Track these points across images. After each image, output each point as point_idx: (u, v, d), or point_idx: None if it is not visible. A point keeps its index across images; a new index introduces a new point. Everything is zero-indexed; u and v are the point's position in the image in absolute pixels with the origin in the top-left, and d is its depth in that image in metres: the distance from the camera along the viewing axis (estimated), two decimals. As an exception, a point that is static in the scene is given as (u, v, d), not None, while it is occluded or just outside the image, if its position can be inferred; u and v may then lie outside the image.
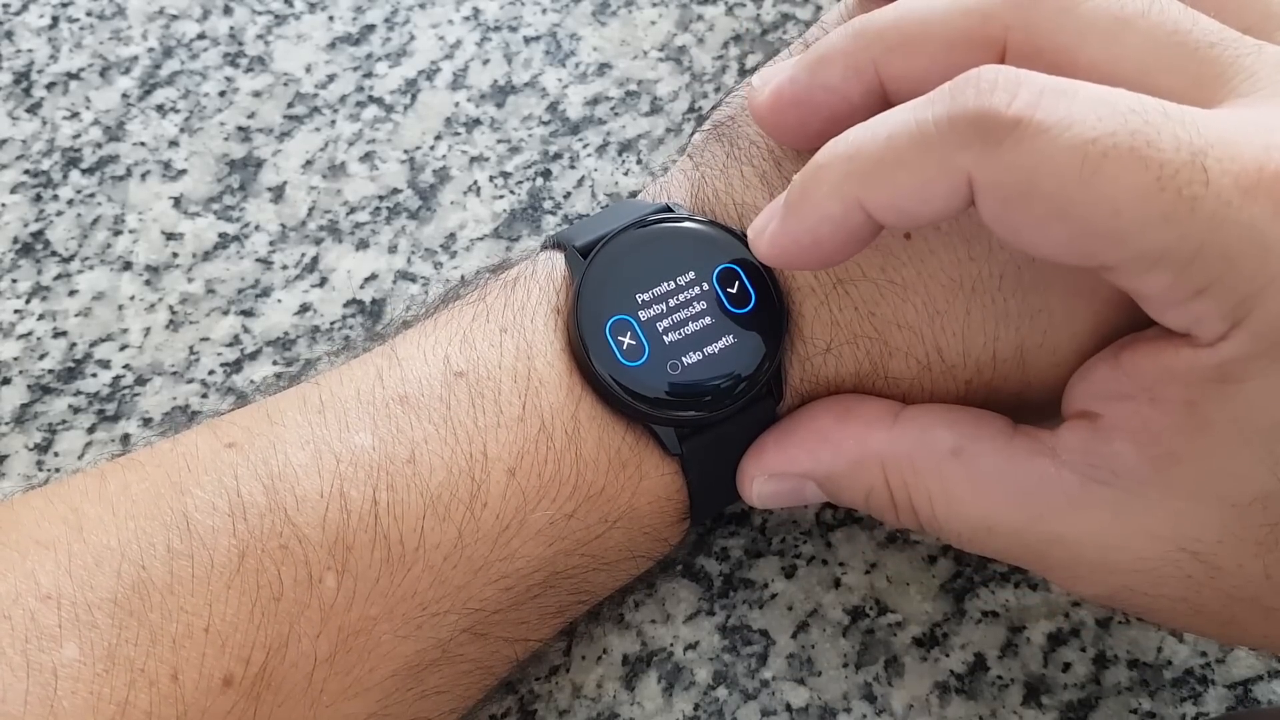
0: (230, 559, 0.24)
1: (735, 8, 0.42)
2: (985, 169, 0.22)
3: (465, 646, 0.27)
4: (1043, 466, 0.25)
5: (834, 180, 0.24)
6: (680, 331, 0.28)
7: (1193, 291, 0.22)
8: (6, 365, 0.36)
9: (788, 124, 0.27)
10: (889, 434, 0.27)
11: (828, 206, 0.24)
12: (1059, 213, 0.22)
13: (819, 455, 0.28)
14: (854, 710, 0.30)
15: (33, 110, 0.40)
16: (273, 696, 0.24)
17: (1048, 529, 0.26)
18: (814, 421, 0.28)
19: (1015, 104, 0.22)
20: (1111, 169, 0.21)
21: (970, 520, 0.26)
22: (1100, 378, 0.25)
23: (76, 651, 0.23)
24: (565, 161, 0.39)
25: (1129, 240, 0.22)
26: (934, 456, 0.26)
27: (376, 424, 0.26)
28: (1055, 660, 0.31)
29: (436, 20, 0.42)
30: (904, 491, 0.27)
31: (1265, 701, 0.31)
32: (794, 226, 0.25)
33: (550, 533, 0.27)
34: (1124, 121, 0.21)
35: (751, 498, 0.29)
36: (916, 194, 0.23)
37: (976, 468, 0.26)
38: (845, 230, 0.24)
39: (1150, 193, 0.21)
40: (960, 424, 0.27)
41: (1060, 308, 0.27)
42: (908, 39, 0.25)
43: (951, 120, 0.22)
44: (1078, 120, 0.21)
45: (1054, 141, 0.21)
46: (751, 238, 0.26)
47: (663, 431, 0.28)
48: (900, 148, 0.23)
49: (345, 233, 0.38)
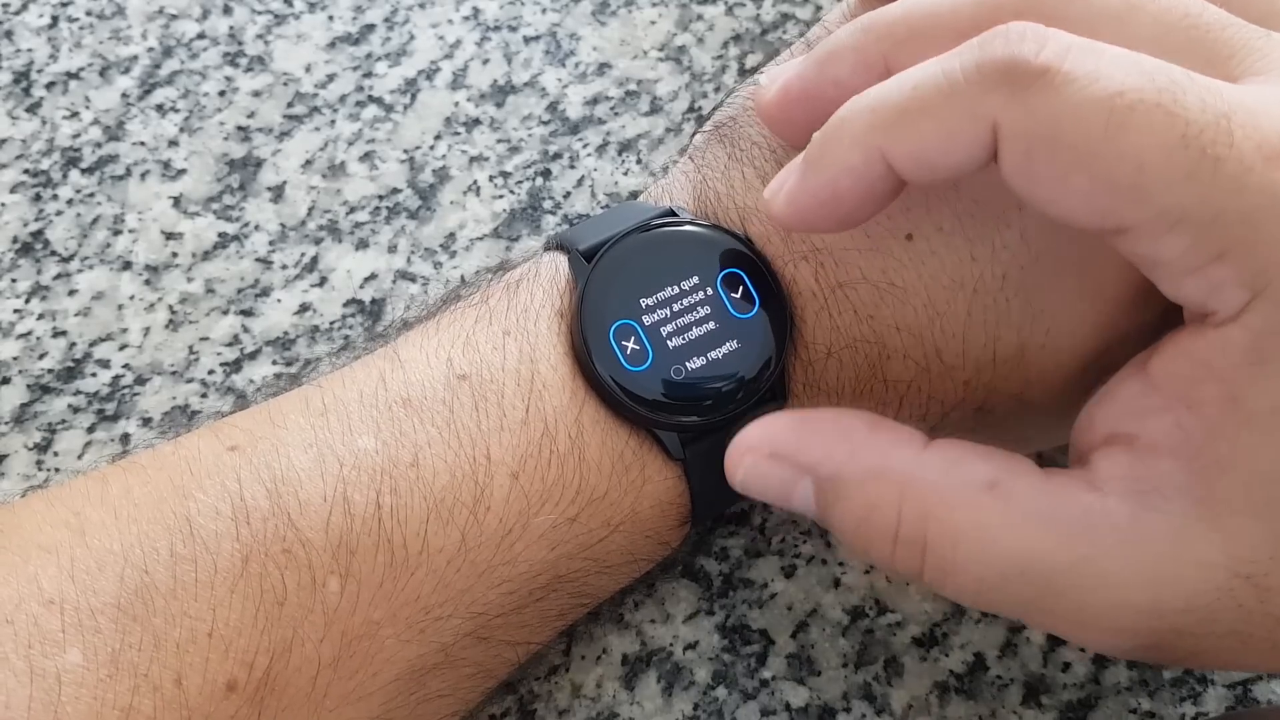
0: (233, 563, 0.24)
1: (735, 8, 0.42)
2: (1011, 114, 0.22)
3: (467, 650, 0.27)
4: (1087, 500, 0.23)
5: (856, 130, 0.24)
6: (684, 336, 0.28)
7: (1212, 255, 0.21)
8: (6, 365, 0.36)
9: (796, 120, 0.27)
10: (918, 457, 0.24)
11: (849, 157, 0.24)
12: (1082, 164, 0.22)
13: (834, 451, 0.25)
14: (854, 710, 0.30)
15: (32, 110, 0.40)
16: (276, 701, 0.24)
17: (1093, 569, 0.23)
18: (841, 418, 0.25)
19: (1044, 53, 0.22)
20: (1138, 122, 0.21)
21: (1000, 562, 0.24)
22: (1129, 396, 0.24)
23: (80, 657, 0.23)
24: (565, 161, 0.39)
25: (1150, 197, 0.21)
26: (967, 488, 0.24)
27: (380, 427, 0.26)
28: (1055, 660, 0.31)
29: (436, 20, 0.42)
30: (919, 524, 0.24)
31: (1265, 701, 0.31)
32: (813, 181, 0.24)
33: (553, 536, 0.27)
34: (1151, 79, 0.21)
35: (737, 472, 0.26)
36: (941, 142, 0.23)
37: (1015, 502, 0.24)
38: (866, 183, 0.24)
39: (1175, 149, 0.21)
40: (993, 456, 0.24)
41: (1063, 309, 0.27)
42: (917, 32, 0.25)
43: (980, 68, 0.22)
44: (1105, 74, 0.21)
45: (1082, 91, 0.21)
46: (767, 197, 0.25)
47: (665, 436, 0.28)
48: (926, 96, 0.23)
49: (345, 232, 0.38)
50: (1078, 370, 0.28)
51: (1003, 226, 0.27)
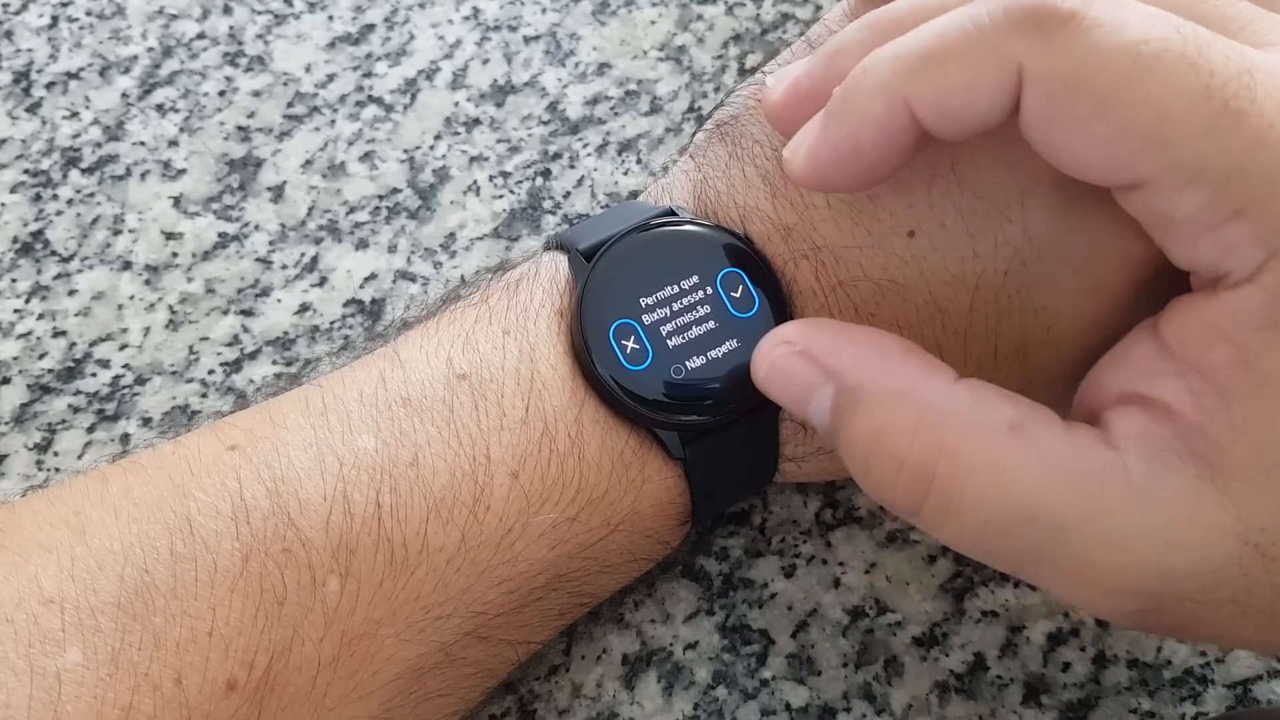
0: (233, 563, 0.24)
1: (735, 7, 0.42)
2: (1037, 58, 0.22)
3: (467, 649, 0.27)
4: (1105, 455, 0.23)
5: (879, 78, 0.24)
6: (684, 335, 0.28)
7: (1229, 212, 0.21)
8: (6, 365, 0.36)
9: (804, 117, 0.26)
10: (946, 388, 0.24)
11: (871, 106, 0.24)
12: (1105, 110, 0.22)
13: (864, 362, 0.24)
14: (854, 710, 0.30)
15: (32, 110, 0.40)
16: (276, 700, 0.24)
17: (1103, 524, 0.23)
18: (878, 336, 0.25)
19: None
20: (1163, 70, 0.21)
21: (1010, 505, 0.23)
22: (1140, 358, 0.24)
23: (80, 656, 0.23)
24: (565, 161, 0.39)
25: (1170, 148, 0.21)
26: (989, 426, 0.23)
27: (379, 427, 0.26)
28: (1055, 660, 0.31)
29: (436, 20, 0.42)
30: (930, 454, 0.23)
31: (1265, 701, 0.31)
32: (834, 133, 0.24)
33: (553, 536, 0.27)
34: (1176, 30, 0.21)
35: (762, 366, 0.26)
36: (965, 88, 0.23)
37: (1034, 447, 0.23)
38: (888, 134, 0.24)
39: (1198, 100, 0.21)
40: (1019, 402, 0.24)
41: (1065, 305, 0.27)
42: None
43: (1007, 11, 0.22)
44: (1132, 22, 0.21)
45: (1108, 36, 0.21)
46: (787, 156, 0.25)
47: (666, 435, 0.28)
48: (951, 41, 0.23)
49: (345, 232, 0.38)
50: (1079, 366, 0.28)
51: (1004, 223, 0.27)
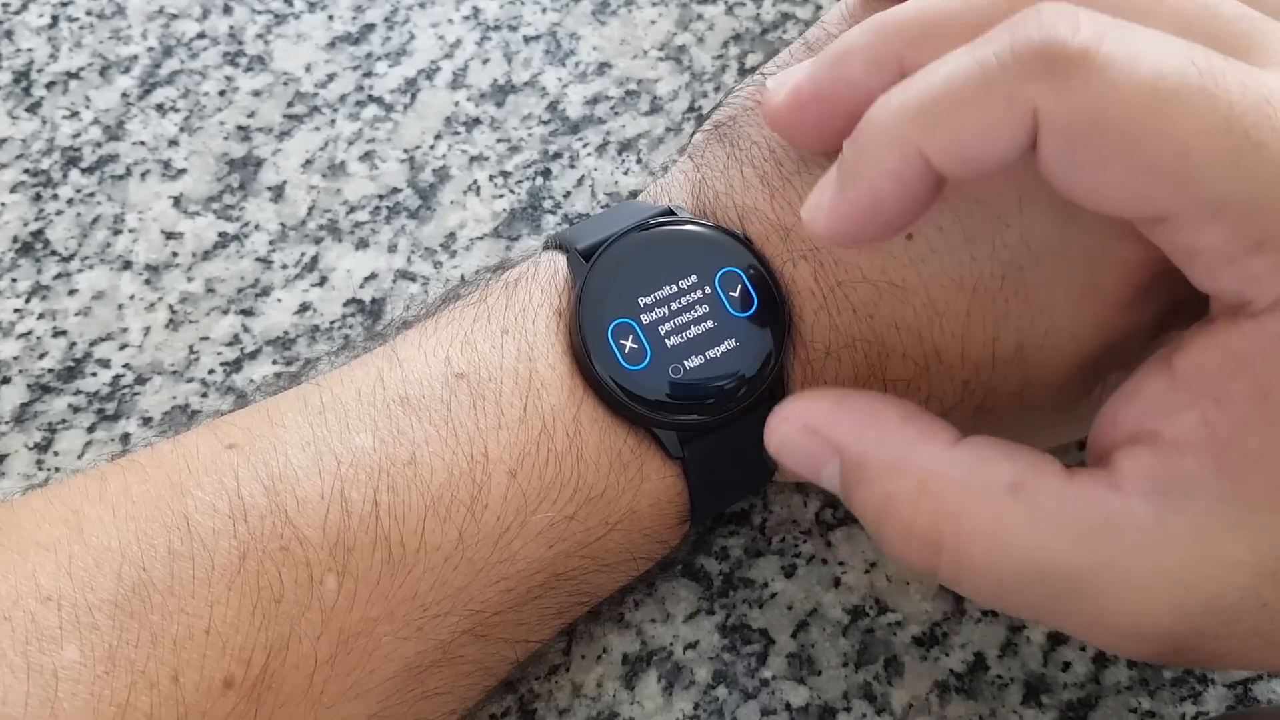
0: (231, 560, 0.24)
1: (735, 7, 0.42)
2: (1052, 101, 0.21)
3: (466, 648, 0.27)
4: (1110, 501, 0.23)
5: (890, 129, 0.23)
6: (682, 335, 0.28)
7: (1252, 245, 0.21)
8: (6, 365, 0.36)
9: (808, 122, 0.26)
10: (944, 453, 0.24)
11: (886, 160, 0.23)
12: (1125, 151, 0.21)
13: (863, 434, 0.25)
14: (854, 709, 0.30)
15: (32, 109, 0.40)
16: (273, 698, 0.24)
17: (1116, 571, 0.23)
18: (875, 404, 0.25)
19: (1080, 35, 0.21)
20: (1181, 106, 0.20)
21: (1019, 564, 0.23)
22: (1153, 393, 0.23)
23: (77, 653, 0.23)
24: (565, 161, 0.39)
25: (1193, 184, 0.21)
26: (989, 490, 0.24)
27: (377, 425, 0.26)
28: (1055, 659, 0.31)
29: (436, 19, 0.42)
30: (934, 520, 0.24)
31: (1265, 701, 0.31)
32: (852, 192, 0.23)
33: (551, 534, 0.27)
34: (1191, 61, 0.21)
35: (773, 438, 0.26)
36: (980, 134, 0.22)
37: (1037, 504, 0.23)
38: (906, 186, 0.23)
39: (1219, 134, 0.20)
40: (1018, 458, 0.24)
41: (1062, 309, 0.27)
42: (931, 29, 0.25)
43: (1015, 53, 0.21)
44: (1145, 56, 0.21)
45: (1123, 74, 0.21)
46: (807, 218, 0.24)
47: (664, 435, 0.28)
48: (960, 87, 0.22)
49: (345, 232, 0.38)
50: (1077, 370, 0.28)
51: (1002, 227, 0.27)
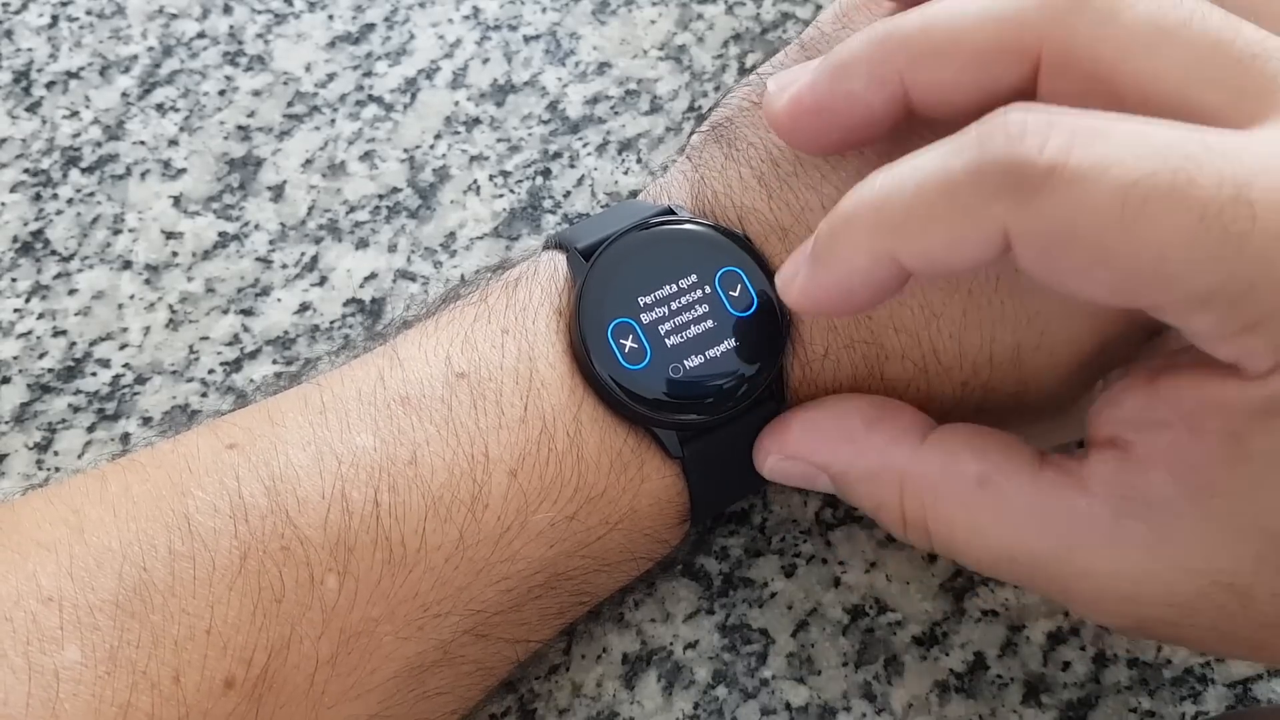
0: (232, 560, 0.24)
1: (735, 7, 0.42)
2: (1022, 220, 0.21)
3: (466, 648, 0.27)
4: (1073, 500, 0.24)
5: (862, 233, 0.23)
6: (682, 334, 0.28)
7: (1243, 327, 0.21)
8: (6, 364, 0.36)
9: (806, 131, 0.26)
10: (914, 454, 0.26)
11: (857, 260, 0.23)
12: (1102, 260, 0.21)
13: (839, 453, 0.27)
14: (854, 709, 0.30)
15: (32, 109, 0.40)
16: (274, 698, 0.24)
17: (1076, 563, 0.25)
18: (843, 419, 0.27)
19: (1048, 149, 0.21)
20: (1153, 211, 0.20)
21: (992, 550, 0.26)
22: (1134, 404, 0.24)
23: (78, 654, 0.23)
24: (565, 160, 0.39)
25: (1176, 283, 0.21)
26: (959, 484, 0.26)
27: (378, 425, 0.26)
28: (1055, 659, 0.31)
29: (436, 19, 0.42)
30: (919, 513, 0.26)
31: (1265, 700, 0.31)
32: (824, 278, 0.24)
33: (551, 534, 0.27)
34: (1163, 160, 0.20)
35: (764, 470, 0.28)
36: (950, 246, 0.22)
37: (1003, 498, 0.25)
38: (876, 280, 0.23)
39: (1195, 233, 0.20)
40: (988, 452, 0.26)
41: (1059, 311, 0.27)
42: (936, 47, 0.24)
43: (982, 170, 0.21)
44: (1115, 162, 0.20)
45: (1092, 187, 0.20)
46: (780, 286, 0.25)
47: (664, 434, 0.28)
48: (930, 200, 0.22)
49: (345, 232, 0.38)
50: (1074, 370, 0.28)
51: None
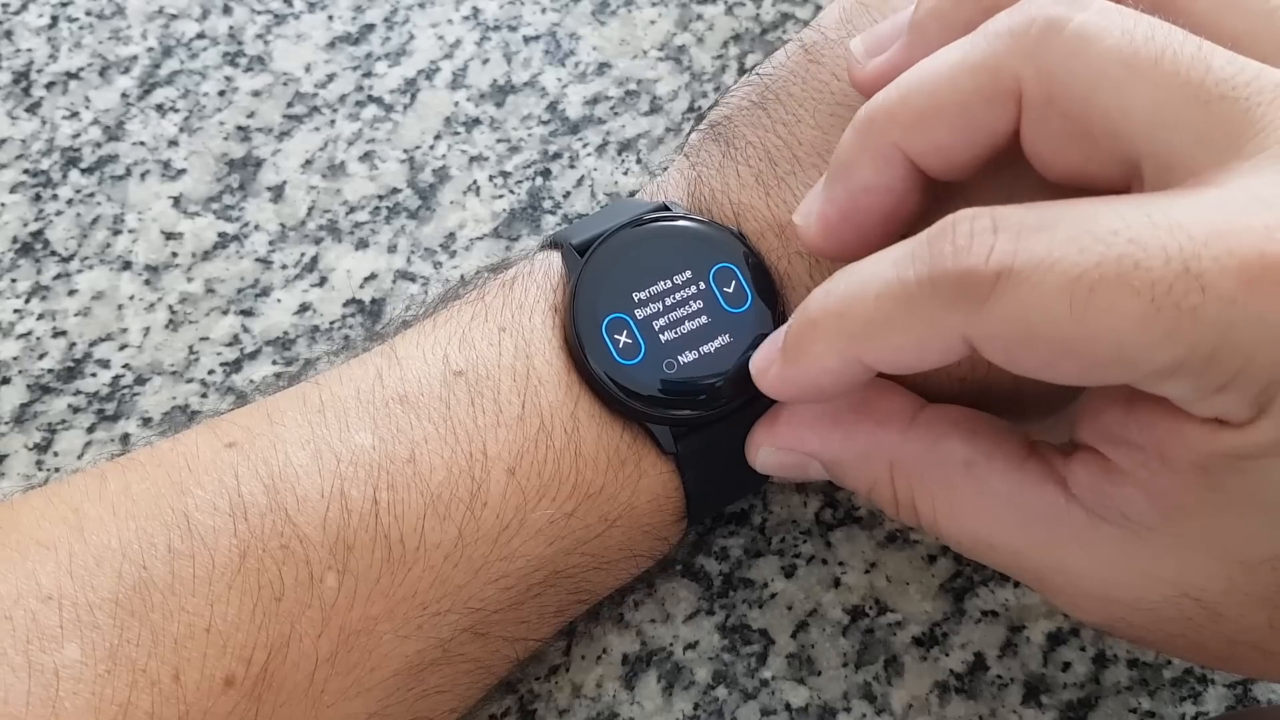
0: (231, 559, 0.24)
1: (735, 7, 0.42)
2: (979, 326, 0.22)
3: (466, 646, 0.27)
4: (1053, 496, 0.25)
5: (828, 339, 0.24)
6: (676, 330, 0.28)
7: (1214, 390, 0.21)
8: (6, 365, 0.36)
9: (850, 242, 0.27)
10: (902, 435, 0.27)
11: (825, 362, 0.24)
12: (1063, 352, 0.21)
13: (829, 440, 0.27)
14: (854, 710, 0.30)
15: (32, 110, 0.40)
16: (274, 696, 0.24)
17: (1051, 556, 0.25)
18: (829, 405, 0.27)
19: (994, 256, 0.21)
20: (1102, 302, 0.21)
21: (972, 533, 0.26)
22: (1112, 420, 0.24)
23: (78, 652, 0.23)
24: (565, 161, 0.39)
25: (1138, 364, 0.21)
26: (944, 467, 0.26)
27: (376, 423, 0.26)
28: (1055, 659, 0.31)
29: (436, 20, 0.42)
30: (908, 493, 0.27)
31: (1265, 701, 0.31)
32: (796, 377, 0.25)
33: (550, 532, 0.27)
34: (1107, 248, 0.21)
35: (755, 464, 0.28)
36: (913, 352, 0.23)
37: (985, 485, 0.26)
38: (847, 378, 0.25)
39: (1147, 315, 0.20)
40: (976, 437, 0.26)
41: None
42: (921, 114, 0.25)
43: (934, 283, 0.22)
44: (1059, 258, 0.21)
45: (1039, 287, 0.21)
46: (755, 375, 0.27)
47: (658, 430, 0.28)
48: (888, 311, 0.23)
49: (345, 232, 0.38)
50: None
51: None
